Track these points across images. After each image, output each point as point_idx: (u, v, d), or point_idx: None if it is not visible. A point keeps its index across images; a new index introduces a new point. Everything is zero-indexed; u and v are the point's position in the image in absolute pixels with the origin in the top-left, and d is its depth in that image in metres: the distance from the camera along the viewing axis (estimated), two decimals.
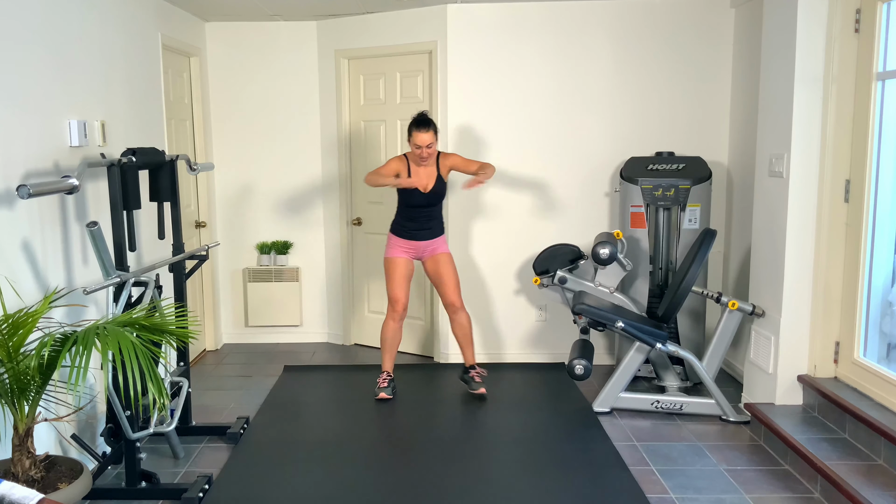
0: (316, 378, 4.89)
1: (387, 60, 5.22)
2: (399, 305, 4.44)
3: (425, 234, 4.40)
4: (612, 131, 4.99)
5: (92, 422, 3.58)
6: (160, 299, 3.42)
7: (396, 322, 4.47)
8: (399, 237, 4.43)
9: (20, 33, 2.99)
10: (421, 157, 4.24)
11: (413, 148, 4.23)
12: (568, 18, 4.90)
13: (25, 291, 3.00)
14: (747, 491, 3.27)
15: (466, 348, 4.53)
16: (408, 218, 4.39)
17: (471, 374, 4.50)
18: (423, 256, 4.46)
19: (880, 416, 3.27)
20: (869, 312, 3.57)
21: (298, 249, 5.70)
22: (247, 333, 5.78)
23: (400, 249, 4.43)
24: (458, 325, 4.48)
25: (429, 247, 4.43)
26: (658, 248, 4.63)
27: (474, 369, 4.52)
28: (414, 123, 4.22)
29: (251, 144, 5.58)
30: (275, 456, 3.68)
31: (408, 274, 4.46)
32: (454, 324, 4.49)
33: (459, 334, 4.50)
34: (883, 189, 3.48)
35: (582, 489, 3.30)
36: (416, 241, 4.41)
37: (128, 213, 3.27)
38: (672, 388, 4.38)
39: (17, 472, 2.54)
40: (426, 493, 3.27)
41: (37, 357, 2.47)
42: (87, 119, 3.56)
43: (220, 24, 5.45)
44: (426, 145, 4.19)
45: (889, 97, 3.43)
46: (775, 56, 3.81)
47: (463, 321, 4.47)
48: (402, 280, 4.43)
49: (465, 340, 4.51)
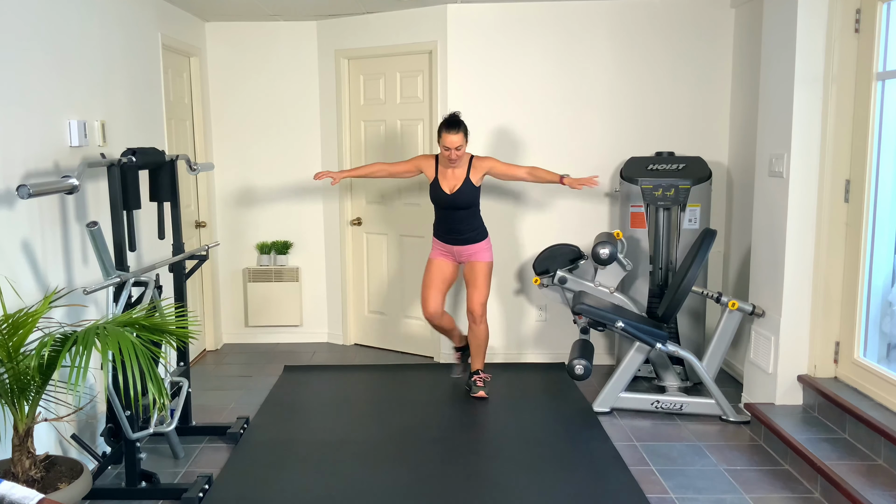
0: (316, 378, 4.89)
1: (387, 60, 5.22)
2: (426, 310, 4.43)
3: (460, 239, 4.33)
4: (613, 131, 4.99)
5: (92, 422, 3.58)
6: (160, 299, 3.42)
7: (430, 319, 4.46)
8: (435, 238, 4.43)
9: (20, 33, 2.99)
10: (449, 160, 4.18)
11: (442, 149, 4.17)
12: (568, 18, 4.90)
13: (25, 291, 3.00)
14: (747, 491, 3.27)
15: (476, 356, 4.51)
16: (438, 219, 4.37)
17: (474, 378, 4.50)
18: (463, 261, 4.41)
19: (880, 416, 3.27)
20: (869, 312, 3.57)
21: (298, 249, 5.70)
22: (247, 333, 5.78)
23: (436, 251, 4.43)
24: (474, 335, 4.46)
25: (465, 251, 4.36)
26: (658, 248, 4.63)
27: (478, 374, 4.51)
28: (444, 124, 4.16)
29: (251, 144, 5.58)
30: (275, 456, 3.68)
31: (441, 276, 4.40)
32: (470, 332, 4.47)
33: (472, 343, 4.49)
34: (883, 189, 3.48)
35: (582, 489, 3.30)
36: (450, 245, 4.37)
37: (128, 213, 3.27)
38: (672, 388, 4.37)
39: (17, 472, 2.54)
40: (426, 493, 3.27)
41: (37, 357, 2.46)
42: (87, 119, 3.56)
43: (220, 24, 5.45)
44: (455, 147, 4.13)
45: (889, 97, 3.43)
46: (775, 56, 3.81)
47: (478, 332, 4.43)
48: (434, 282, 4.39)
49: (476, 349, 4.49)
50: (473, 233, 4.34)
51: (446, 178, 4.28)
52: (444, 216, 4.32)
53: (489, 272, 4.38)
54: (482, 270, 4.35)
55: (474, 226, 4.34)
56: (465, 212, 4.29)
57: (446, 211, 4.30)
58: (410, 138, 5.19)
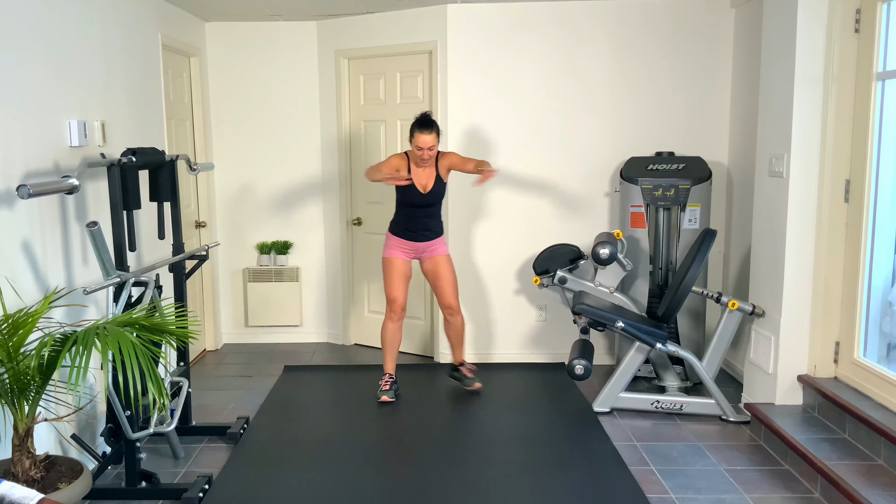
0: (316, 378, 4.89)
1: (387, 60, 5.22)
2: (397, 305, 4.43)
3: (425, 235, 4.38)
4: (612, 131, 4.99)
5: (92, 422, 3.58)
6: (160, 299, 3.42)
7: (395, 322, 4.46)
8: (398, 237, 4.40)
9: (20, 33, 2.99)
10: (422, 159, 4.21)
11: (414, 149, 4.19)
12: (568, 18, 4.90)
13: (25, 291, 3.00)
14: (747, 491, 3.27)
15: (457, 348, 4.56)
16: (406, 217, 4.37)
17: (461, 370, 4.52)
18: (422, 257, 4.44)
19: (880, 416, 3.27)
20: (869, 312, 3.57)
21: (298, 249, 5.70)
22: (247, 333, 5.78)
23: (398, 250, 4.41)
24: (453, 327, 4.49)
25: (427, 248, 4.41)
26: (658, 248, 4.63)
27: (463, 366, 4.55)
28: (417, 124, 4.17)
29: (251, 144, 5.58)
30: (275, 456, 3.68)
31: (406, 274, 4.44)
32: (448, 325, 4.50)
33: (452, 335, 4.52)
34: (883, 189, 3.48)
35: (582, 489, 3.30)
36: (415, 242, 4.39)
37: (128, 213, 3.27)
38: (672, 388, 4.37)
39: (17, 472, 2.54)
40: (426, 493, 3.27)
41: (37, 357, 2.46)
42: (87, 119, 3.56)
43: (220, 24, 5.45)
44: (428, 147, 4.15)
45: (889, 97, 3.43)
46: (775, 56, 3.81)
47: (457, 324, 4.48)
48: (400, 280, 4.41)
49: (457, 341, 4.54)
50: (438, 227, 4.41)
51: (419, 177, 4.29)
52: (412, 214, 4.33)
53: (452, 263, 4.46)
54: (447, 263, 4.42)
55: (439, 221, 4.42)
56: (434, 208, 4.35)
57: (417, 209, 4.32)
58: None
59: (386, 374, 4.50)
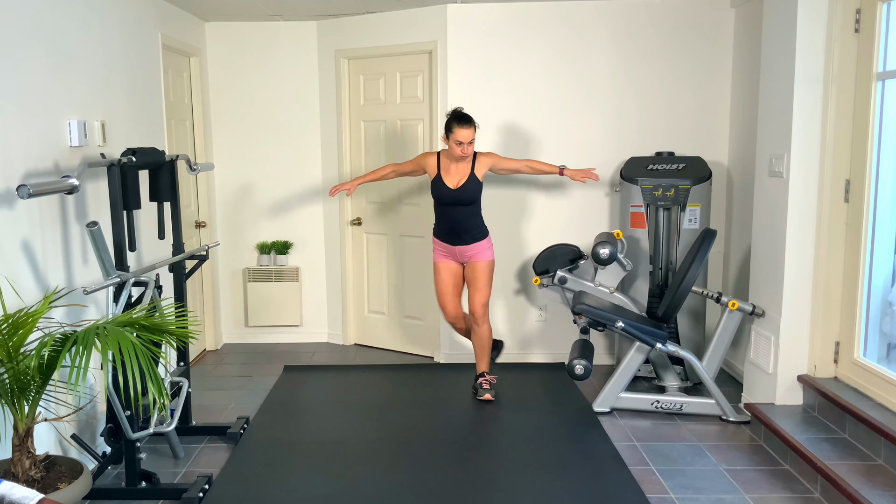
0: (316, 378, 4.89)
1: (387, 60, 5.22)
2: (447, 316, 4.44)
3: (462, 238, 4.26)
4: (613, 131, 4.99)
5: (92, 422, 3.58)
6: (160, 299, 3.42)
7: (459, 325, 4.49)
8: (437, 238, 4.36)
9: (20, 33, 2.99)
10: (462, 154, 4.13)
11: (453, 144, 4.10)
12: (568, 18, 4.90)
13: (25, 291, 3.00)
14: (747, 491, 3.27)
15: (478, 358, 4.50)
16: (439, 216, 4.30)
17: (480, 381, 4.48)
18: (465, 262, 4.35)
19: (880, 416, 3.27)
20: (869, 312, 3.57)
21: (298, 249, 5.70)
22: (247, 333, 5.78)
23: (440, 254, 4.37)
24: (476, 336, 4.44)
25: (467, 252, 4.30)
26: (658, 248, 4.63)
27: (484, 377, 4.48)
28: (455, 119, 4.08)
29: (251, 145, 5.58)
30: (275, 456, 3.68)
31: (451, 281, 4.36)
32: (472, 333, 4.47)
33: (476, 344, 4.47)
34: (883, 189, 3.48)
35: (582, 489, 3.30)
36: (452, 245, 4.30)
37: (128, 213, 3.27)
38: (672, 388, 4.37)
39: (17, 472, 2.54)
40: (426, 493, 3.27)
41: (37, 357, 2.47)
42: (87, 119, 3.56)
43: (220, 24, 5.45)
44: (468, 141, 4.08)
45: (889, 97, 3.43)
46: (775, 56, 3.81)
47: (480, 334, 4.41)
48: (446, 288, 4.37)
49: (479, 350, 4.47)
50: (475, 231, 4.28)
51: (450, 173, 4.23)
52: (445, 214, 4.25)
53: (491, 272, 4.33)
54: (483, 270, 4.30)
55: (476, 224, 4.28)
56: (468, 208, 4.23)
57: (448, 207, 4.23)
58: (410, 138, 5.19)
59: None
